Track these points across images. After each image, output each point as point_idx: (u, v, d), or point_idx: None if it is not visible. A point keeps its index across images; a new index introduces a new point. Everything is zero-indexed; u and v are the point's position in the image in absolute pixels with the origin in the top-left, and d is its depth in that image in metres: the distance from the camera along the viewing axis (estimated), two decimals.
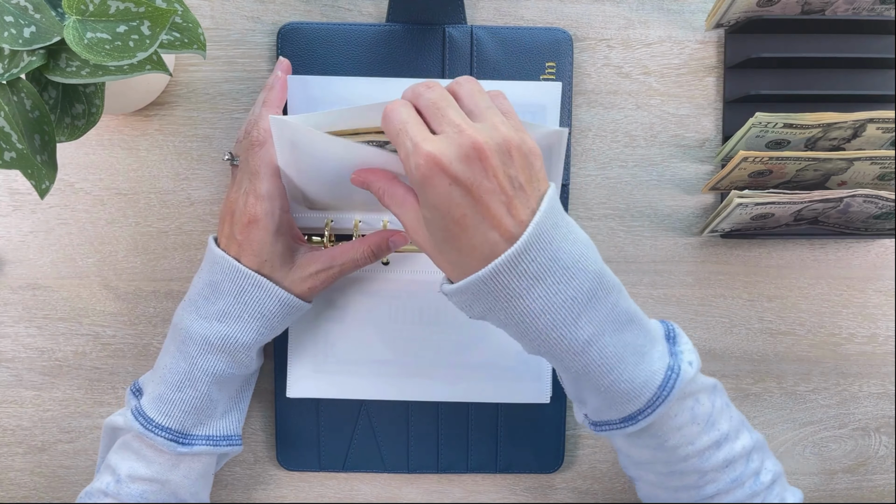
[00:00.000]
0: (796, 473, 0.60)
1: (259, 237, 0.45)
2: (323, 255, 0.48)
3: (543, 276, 0.36)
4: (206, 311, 0.46)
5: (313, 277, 0.47)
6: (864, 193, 0.50)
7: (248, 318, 0.46)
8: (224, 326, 0.46)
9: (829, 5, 0.52)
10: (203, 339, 0.46)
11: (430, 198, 0.36)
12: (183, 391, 0.46)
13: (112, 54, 0.36)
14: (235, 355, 0.46)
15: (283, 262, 0.47)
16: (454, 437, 0.56)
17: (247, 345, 0.46)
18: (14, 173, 0.54)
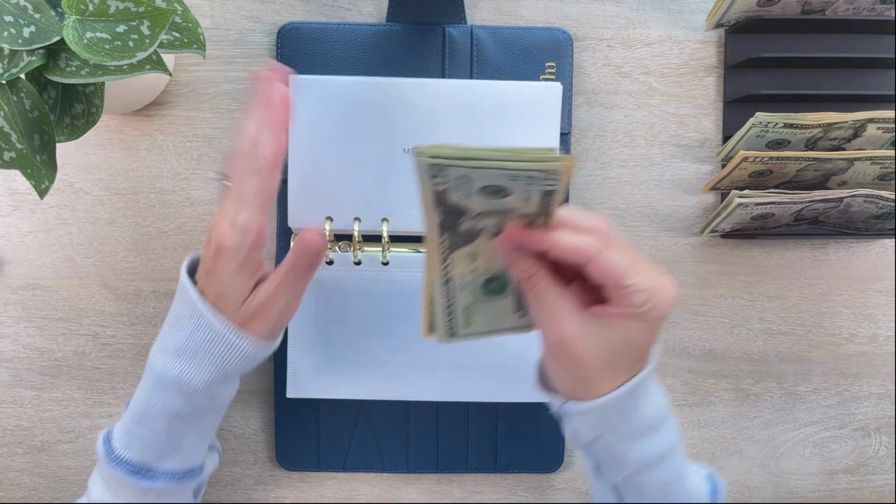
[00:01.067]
0: (796, 473, 0.60)
1: (221, 268, 0.41)
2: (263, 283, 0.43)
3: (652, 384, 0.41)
4: (167, 342, 0.43)
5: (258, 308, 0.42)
6: (865, 193, 0.50)
7: (202, 358, 0.42)
8: (178, 364, 0.42)
9: (830, 5, 0.52)
10: (160, 374, 0.42)
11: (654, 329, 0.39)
12: (141, 425, 0.43)
13: (112, 54, 0.36)
14: (192, 397, 0.42)
15: (238, 300, 0.42)
16: (454, 437, 0.56)
17: (203, 385, 0.42)
18: (14, 173, 0.54)
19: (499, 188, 0.36)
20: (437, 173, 0.35)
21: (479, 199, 0.37)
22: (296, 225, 0.52)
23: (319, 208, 0.52)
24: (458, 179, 0.35)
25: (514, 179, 0.35)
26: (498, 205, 0.37)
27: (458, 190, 0.36)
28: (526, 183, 0.35)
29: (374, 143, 0.51)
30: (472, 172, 0.35)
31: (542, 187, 0.36)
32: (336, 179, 0.52)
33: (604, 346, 0.38)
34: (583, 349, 0.38)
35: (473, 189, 0.36)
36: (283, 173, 0.53)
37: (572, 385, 0.39)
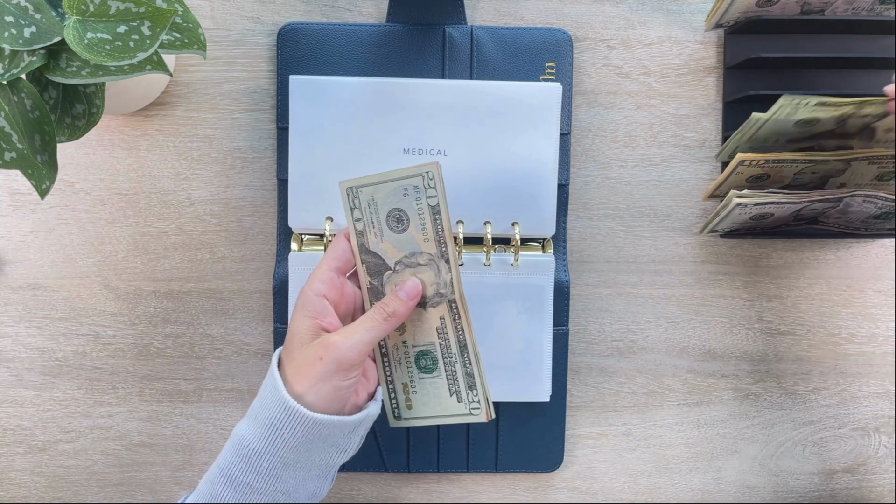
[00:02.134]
0: (796, 473, 0.60)
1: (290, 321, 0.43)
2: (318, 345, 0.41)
3: None
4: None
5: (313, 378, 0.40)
6: (864, 193, 0.50)
7: (258, 413, 0.41)
8: (244, 423, 0.41)
9: (829, 5, 0.52)
10: (232, 434, 0.42)
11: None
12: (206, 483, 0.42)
13: (112, 54, 0.36)
14: (249, 460, 0.40)
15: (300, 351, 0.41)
16: (454, 437, 0.56)
17: (255, 450, 0.40)
18: (14, 173, 0.54)
19: (399, 214, 0.42)
20: (353, 203, 0.42)
21: (390, 239, 0.42)
22: (296, 225, 0.53)
23: (319, 208, 0.52)
24: (367, 206, 0.42)
25: (406, 195, 0.41)
26: (405, 245, 0.42)
27: (370, 225, 0.42)
28: (414, 197, 0.41)
29: (374, 143, 0.52)
30: (375, 192, 0.41)
31: (428, 199, 0.41)
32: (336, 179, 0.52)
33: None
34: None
35: (382, 219, 0.42)
36: (283, 174, 0.53)
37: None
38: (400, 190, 0.41)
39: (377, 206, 0.42)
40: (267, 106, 0.55)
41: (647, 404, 0.58)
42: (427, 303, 0.43)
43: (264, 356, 0.56)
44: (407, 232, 0.42)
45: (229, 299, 0.56)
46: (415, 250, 0.42)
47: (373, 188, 0.41)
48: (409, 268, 0.43)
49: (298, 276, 0.52)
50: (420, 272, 0.43)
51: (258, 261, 0.56)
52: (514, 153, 0.52)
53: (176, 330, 0.56)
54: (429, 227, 0.42)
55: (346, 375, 0.40)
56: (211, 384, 0.57)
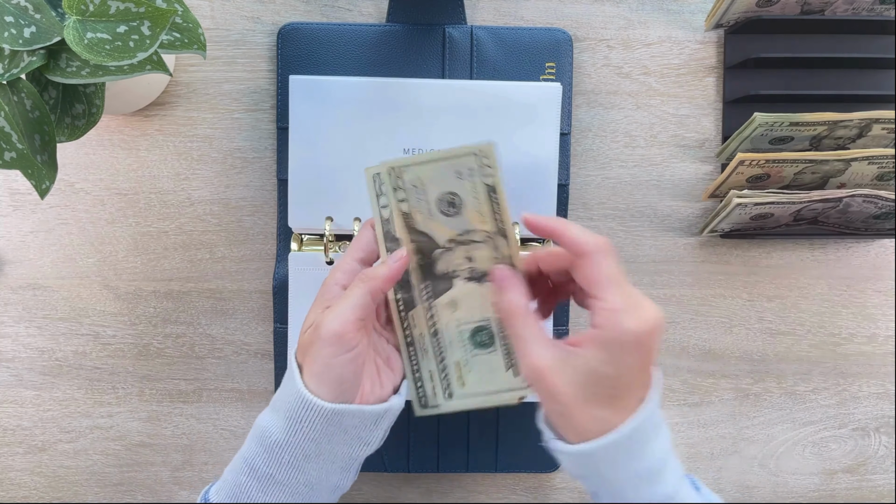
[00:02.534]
0: (796, 473, 0.60)
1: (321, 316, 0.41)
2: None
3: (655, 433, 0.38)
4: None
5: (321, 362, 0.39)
6: (864, 193, 0.50)
7: (279, 405, 0.40)
8: (266, 414, 0.41)
9: (829, 5, 0.52)
10: (255, 424, 0.42)
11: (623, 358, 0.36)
12: (231, 472, 0.42)
13: (112, 54, 0.36)
14: (271, 451, 0.40)
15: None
16: (454, 437, 0.56)
17: (277, 441, 0.40)
18: (14, 173, 0.54)
19: (452, 197, 0.40)
20: (396, 183, 0.40)
21: (440, 220, 0.41)
22: (296, 225, 0.53)
23: (319, 208, 0.52)
24: (414, 188, 0.40)
25: (459, 177, 0.40)
26: (459, 224, 0.41)
27: (418, 206, 0.41)
28: (469, 178, 0.40)
29: (374, 143, 0.52)
30: (422, 172, 0.40)
31: (483, 179, 0.40)
32: (336, 179, 0.52)
33: (574, 378, 0.37)
34: (556, 381, 0.37)
35: (432, 202, 0.41)
36: (283, 174, 0.53)
37: (555, 420, 0.39)
38: (452, 171, 0.40)
39: (425, 187, 0.40)
40: (267, 106, 0.55)
41: None
42: (484, 278, 0.42)
43: (264, 356, 0.56)
44: (461, 214, 0.41)
45: (229, 299, 0.56)
46: (468, 228, 0.41)
47: (419, 168, 0.40)
48: (463, 245, 0.41)
49: (298, 276, 0.52)
50: (475, 249, 0.42)
51: (258, 261, 0.56)
52: (514, 153, 0.52)
53: (176, 330, 0.56)
54: (484, 206, 0.41)
55: (336, 351, 0.39)
56: (211, 384, 0.57)
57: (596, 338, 0.36)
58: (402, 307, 0.43)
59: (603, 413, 0.37)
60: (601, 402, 0.37)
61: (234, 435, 0.57)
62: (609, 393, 0.37)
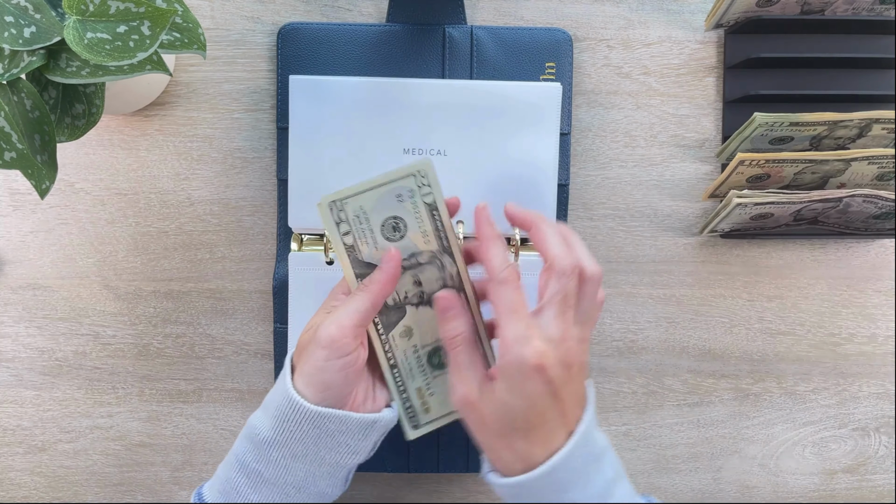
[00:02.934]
0: (796, 473, 0.60)
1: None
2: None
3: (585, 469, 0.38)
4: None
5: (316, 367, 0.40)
6: (864, 193, 0.50)
7: (269, 403, 0.41)
8: (258, 410, 0.42)
9: (829, 5, 0.52)
10: (248, 419, 0.42)
11: (524, 388, 0.36)
12: (223, 468, 0.42)
13: (112, 54, 0.36)
14: (260, 448, 0.40)
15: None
16: (454, 437, 0.56)
17: (266, 440, 0.40)
18: (14, 173, 0.54)
19: (395, 221, 0.40)
20: (338, 217, 0.40)
21: (385, 248, 0.41)
22: (296, 225, 0.53)
23: None
24: (356, 218, 0.40)
25: (400, 200, 0.40)
26: (404, 249, 0.41)
27: (363, 237, 0.40)
28: (410, 199, 0.40)
29: (374, 143, 0.52)
30: (364, 201, 0.40)
31: (423, 199, 0.40)
32: (336, 179, 0.52)
33: (493, 409, 0.37)
34: (481, 412, 0.37)
35: (376, 229, 0.40)
36: (283, 174, 0.53)
37: (484, 450, 0.39)
38: (392, 195, 0.40)
39: (367, 215, 0.40)
40: (267, 106, 0.55)
41: (646, 404, 0.58)
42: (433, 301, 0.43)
43: (264, 356, 0.56)
44: (406, 237, 0.41)
45: (229, 299, 0.56)
46: (413, 251, 0.42)
47: (360, 197, 0.40)
48: (410, 270, 0.42)
49: (298, 276, 0.52)
50: (422, 271, 0.42)
51: (258, 261, 0.56)
52: (514, 153, 0.52)
53: (176, 330, 0.56)
54: (427, 226, 0.41)
55: (329, 354, 0.39)
56: (211, 384, 0.57)
57: (499, 368, 0.37)
58: (381, 331, 0.43)
59: (522, 444, 0.37)
60: (518, 434, 0.37)
61: (233, 435, 0.57)
62: (522, 425, 0.37)
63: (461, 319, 0.40)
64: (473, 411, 0.38)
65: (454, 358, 0.40)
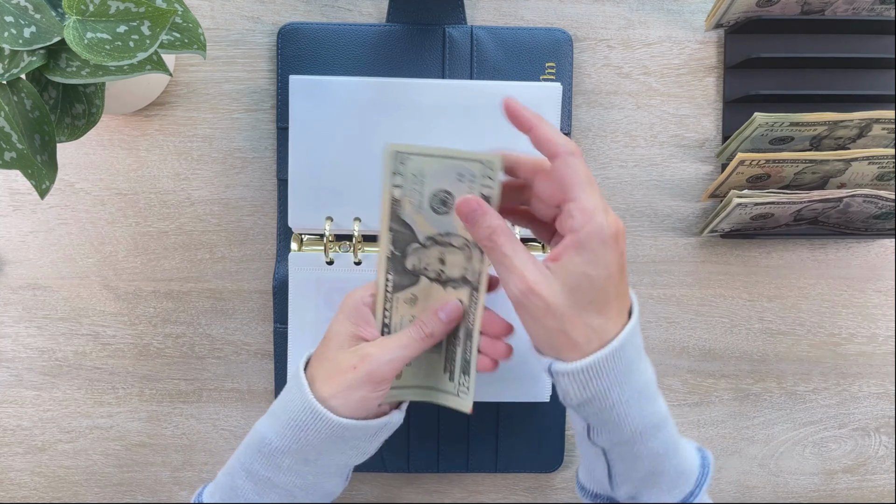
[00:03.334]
0: (796, 473, 0.60)
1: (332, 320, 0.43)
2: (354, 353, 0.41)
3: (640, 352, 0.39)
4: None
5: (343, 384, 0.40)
6: (864, 193, 0.50)
7: (280, 412, 0.41)
8: (265, 420, 0.42)
9: (829, 5, 0.52)
10: (252, 430, 0.42)
11: (604, 258, 0.36)
12: (225, 475, 0.42)
13: (112, 54, 0.36)
14: (270, 458, 0.40)
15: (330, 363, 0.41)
16: (454, 437, 0.56)
17: (278, 448, 0.40)
18: (14, 173, 0.54)
19: (446, 196, 0.40)
20: (397, 168, 0.39)
21: (427, 215, 0.41)
22: (296, 225, 0.53)
23: (319, 208, 0.52)
24: (413, 177, 0.40)
25: (460, 179, 0.39)
26: (443, 225, 0.41)
27: (411, 196, 0.40)
28: (468, 182, 0.40)
29: (374, 143, 0.52)
30: (426, 165, 0.39)
31: (481, 189, 0.39)
32: (336, 179, 0.52)
33: (563, 288, 0.36)
34: (547, 294, 0.36)
35: (425, 195, 0.40)
36: (283, 174, 0.53)
37: (549, 339, 0.38)
38: (454, 171, 0.40)
39: (424, 179, 0.40)
40: (267, 106, 0.55)
41: None
42: (448, 283, 0.42)
43: (264, 356, 0.56)
44: (450, 215, 0.41)
45: (229, 299, 0.56)
46: (450, 231, 0.41)
47: (425, 160, 0.40)
48: (440, 246, 0.41)
49: (298, 276, 0.52)
50: (450, 253, 0.42)
51: (258, 261, 0.56)
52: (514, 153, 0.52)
53: (176, 330, 0.56)
54: None
55: (376, 388, 0.40)
56: (211, 384, 0.57)
57: (576, 241, 0.36)
58: (389, 289, 0.43)
59: (598, 321, 0.36)
60: (594, 308, 0.36)
61: (233, 435, 0.57)
62: (599, 297, 0.36)
63: (492, 214, 0.39)
64: (538, 298, 0.36)
65: (499, 251, 0.38)
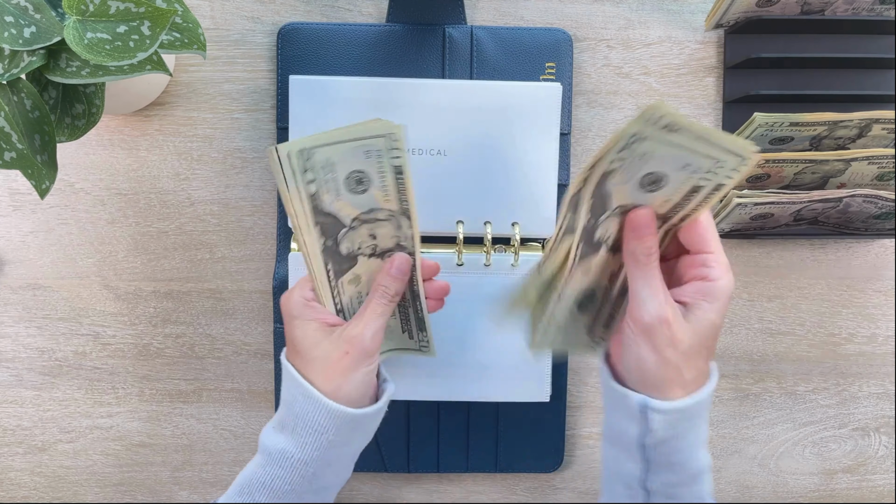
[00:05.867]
0: (796, 473, 0.60)
1: (289, 329, 0.43)
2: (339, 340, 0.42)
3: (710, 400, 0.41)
4: (276, 417, 0.43)
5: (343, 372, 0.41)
6: (864, 193, 0.50)
7: (293, 422, 0.41)
8: (281, 438, 0.42)
9: (829, 5, 0.52)
10: (264, 448, 0.42)
11: (724, 310, 0.39)
12: (242, 497, 0.42)
13: (112, 54, 0.36)
14: (294, 469, 0.41)
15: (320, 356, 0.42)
16: (454, 437, 0.56)
17: (301, 460, 0.41)
18: (14, 173, 0.54)
19: (360, 175, 0.40)
20: (304, 165, 0.39)
21: (346, 199, 0.41)
22: None
23: None
24: (324, 169, 0.40)
25: (368, 156, 0.40)
26: (364, 203, 0.41)
27: (326, 186, 0.40)
28: (376, 158, 0.40)
29: None
30: (331, 153, 0.39)
31: (391, 161, 0.40)
32: None
33: (693, 329, 0.38)
34: (678, 328, 0.38)
35: (340, 181, 0.40)
36: None
37: (660, 372, 0.38)
38: (361, 150, 0.40)
39: (335, 166, 0.40)
40: (267, 106, 0.55)
41: None
42: (384, 254, 0.44)
43: (264, 356, 0.56)
44: (368, 192, 0.42)
45: (229, 299, 0.56)
46: (373, 206, 0.42)
47: (329, 149, 0.40)
48: (367, 224, 0.43)
49: (298, 276, 0.52)
50: (379, 227, 0.43)
51: (258, 261, 0.56)
52: (514, 153, 0.52)
53: (176, 330, 0.56)
54: (391, 186, 0.42)
55: (370, 362, 0.42)
56: (211, 384, 0.57)
57: (711, 290, 0.38)
58: (331, 276, 0.44)
59: (703, 365, 0.39)
60: (706, 353, 0.39)
61: (233, 435, 0.57)
62: (712, 344, 0.39)
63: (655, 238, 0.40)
64: (667, 329, 0.38)
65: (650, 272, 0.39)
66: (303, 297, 0.43)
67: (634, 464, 0.40)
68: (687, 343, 0.38)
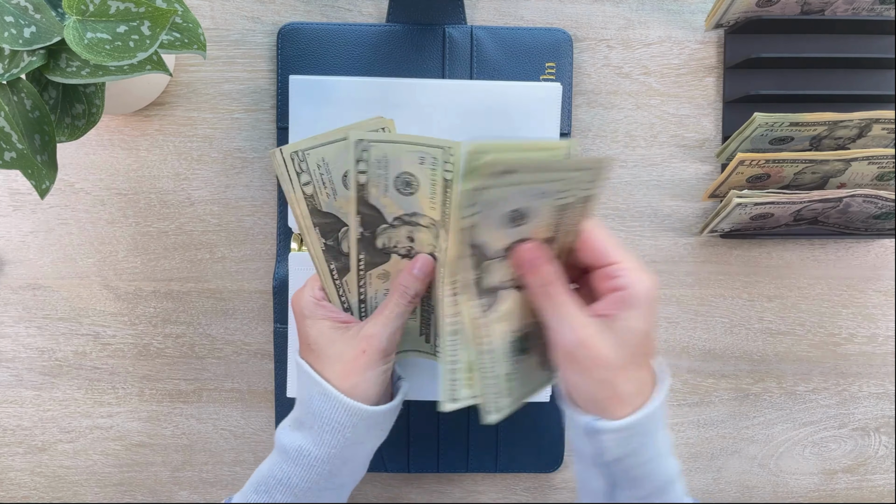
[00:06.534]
0: (796, 473, 0.60)
1: (301, 328, 0.43)
2: (356, 338, 0.42)
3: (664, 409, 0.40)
4: (292, 415, 0.43)
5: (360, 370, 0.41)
6: (864, 193, 0.50)
7: (311, 420, 0.42)
8: (299, 436, 0.42)
9: (829, 5, 0.52)
10: (280, 446, 0.43)
11: (651, 315, 0.38)
12: (259, 494, 0.43)
13: (112, 54, 0.36)
14: (311, 468, 0.42)
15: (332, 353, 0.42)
16: (454, 437, 0.56)
17: (319, 457, 0.41)
18: (14, 173, 0.54)
19: (409, 177, 0.41)
20: (360, 155, 0.40)
21: (393, 197, 0.41)
22: (296, 225, 0.52)
23: None
24: (377, 163, 0.40)
25: (421, 162, 0.40)
26: (409, 205, 0.42)
27: (376, 181, 0.41)
28: (430, 166, 0.40)
29: None
30: (388, 151, 0.40)
31: (444, 173, 0.40)
32: None
33: (616, 342, 0.37)
34: (601, 347, 0.37)
35: (390, 179, 0.41)
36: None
37: (595, 393, 0.38)
38: (416, 155, 0.41)
39: (388, 164, 0.41)
40: (267, 106, 0.55)
41: None
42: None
43: (264, 356, 0.56)
44: (415, 196, 0.42)
45: (229, 299, 0.56)
46: (417, 210, 0.42)
47: (387, 146, 0.41)
48: (408, 225, 0.43)
49: (298, 276, 0.52)
50: (419, 231, 0.43)
51: (258, 261, 0.56)
52: None
53: (176, 330, 0.56)
54: (438, 196, 0.42)
55: (386, 361, 0.42)
56: (211, 384, 0.57)
57: (626, 298, 0.37)
58: (362, 266, 0.44)
59: (641, 374, 0.38)
60: (641, 362, 0.38)
61: (233, 435, 0.57)
62: (645, 351, 0.38)
63: (552, 265, 0.39)
64: (587, 350, 0.37)
65: (552, 301, 0.38)
66: (313, 295, 0.43)
67: (599, 480, 0.40)
68: (613, 357, 0.37)
